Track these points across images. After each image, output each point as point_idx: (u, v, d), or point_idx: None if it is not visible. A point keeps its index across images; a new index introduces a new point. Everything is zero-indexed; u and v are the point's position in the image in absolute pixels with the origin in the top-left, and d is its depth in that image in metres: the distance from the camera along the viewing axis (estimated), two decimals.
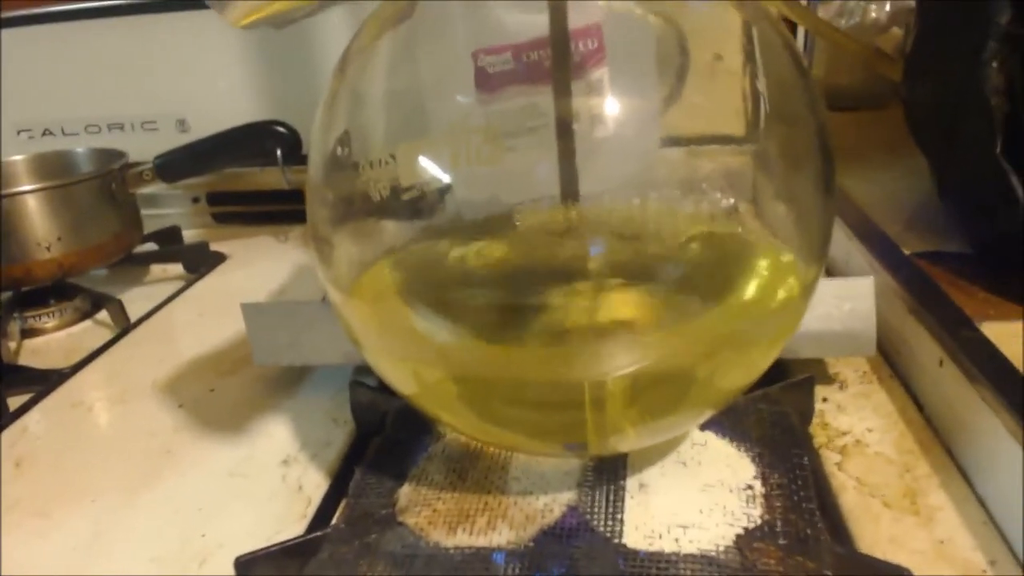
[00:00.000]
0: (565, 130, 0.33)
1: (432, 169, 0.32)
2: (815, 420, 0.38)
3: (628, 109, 0.33)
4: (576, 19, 0.32)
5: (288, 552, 0.29)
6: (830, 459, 0.35)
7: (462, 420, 0.31)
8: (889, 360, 0.42)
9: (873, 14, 0.76)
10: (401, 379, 0.31)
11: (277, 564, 0.29)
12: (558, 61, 0.32)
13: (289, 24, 0.26)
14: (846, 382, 0.41)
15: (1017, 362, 0.34)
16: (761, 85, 0.33)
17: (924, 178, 0.55)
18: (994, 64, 0.39)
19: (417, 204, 0.33)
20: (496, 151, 0.34)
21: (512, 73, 0.33)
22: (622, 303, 0.30)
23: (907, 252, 0.47)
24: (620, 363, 0.28)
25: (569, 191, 0.34)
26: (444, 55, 0.35)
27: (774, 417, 0.34)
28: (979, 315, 0.39)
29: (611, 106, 0.33)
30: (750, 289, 0.29)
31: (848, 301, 0.38)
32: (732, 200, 0.35)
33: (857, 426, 0.38)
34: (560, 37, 0.32)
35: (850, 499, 0.33)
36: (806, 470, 0.31)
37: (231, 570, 0.30)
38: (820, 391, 0.40)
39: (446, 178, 0.32)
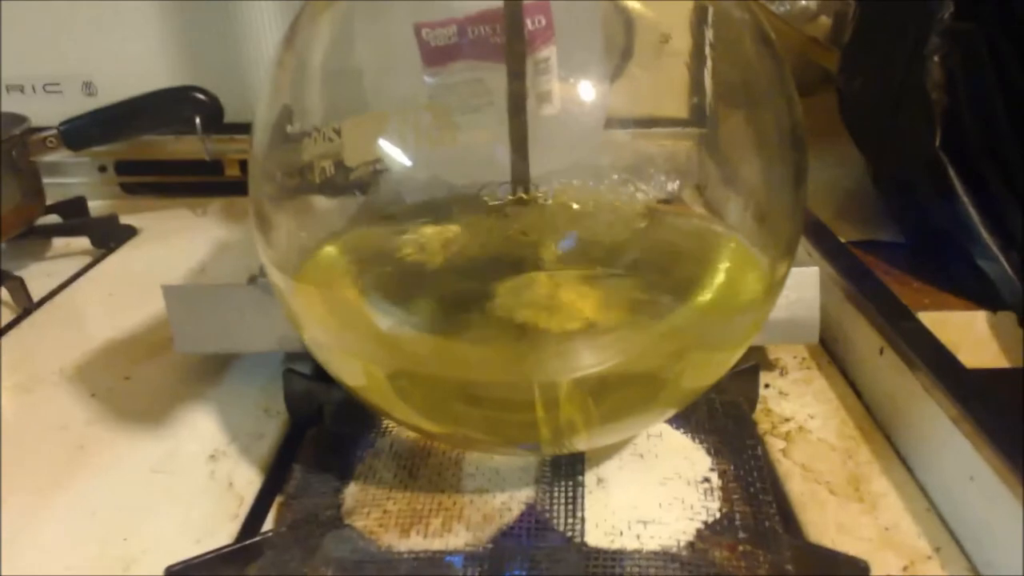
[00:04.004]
0: (518, 111, 0.31)
1: (379, 146, 0.30)
2: (759, 406, 0.38)
3: (578, 89, 0.32)
4: None
5: (225, 559, 0.27)
6: (775, 445, 0.36)
7: (413, 416, 0.29)
8: (827, 347, 0.43)
9: (803, 2, 0.77)
10: (348, 370, 0.29)
11: (213, 571, 0.27)
12: (512, 40, 0.30)
13: None
14: (786, 368, 0.42)
15: (954, 350, 0.35)
16: (710, 67, 0.32)
17: (854, 166, 0.56)
18: (935, 59, 0.40)
19: (363, 183, 0.31)
20: (446, 129, 0.32)
21: (457, 48, 0.32)
22: (579, 297, 0.29)
23: (843, 240, 0.47)
24: (577, 364, 0.27)
25: (520, 173, 0.33)
26: (389, 29, 0.33)
27: (725, 407, 0.34)
28: (915, 305, 0.40)
29: (561, 86, 0.32)
30: (715, 288, 0.29)
31: (793, 290, 0.38)
32: (676, 185, 0.35)
33: (799, 412, 0.38)
34: (514, 16, 0.30)
35: (797, 486, 0.33)
36: (760, 460, 0.31)
37: None
38: (762, 377, 0.40)
39: (394, 155, 0.31)
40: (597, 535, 0.27)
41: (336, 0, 0.32)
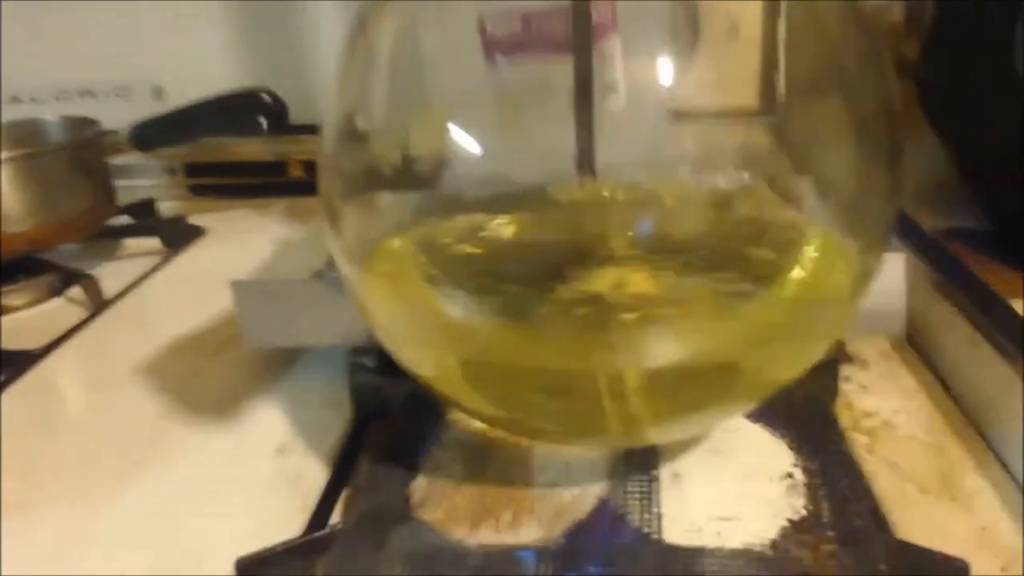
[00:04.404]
0: (584, 101, 0.30)
1: (446, 138, 0.30)
2: (839, 400, 0.36)
3: (645, 79, 0.31)
4: None
5: (295, 551, 0.27)
6: (859, 442, 0.34)
7: (483, 405, 0.29)
8: (910, 338, 0.41)
9: None
10: (418, 360, 0.28)
11: (284, 564, 0.27)
12: (579, 29, 0.30)
13: None
14: (867, 361, 0.40)
15: None
16: (785, 48, 0.31)
17: (931, 154, 0.53)
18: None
19: (430, 175, 0.31)
20: (512, 122, 0.32)
21: (520, 41, 0.31)
22: (656, 285, 0.28)
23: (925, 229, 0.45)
24: (654, 353, 0.26)
25: (586, 165, 0.32)
26: (455, 21, 0.33)
27: (804, 400, 0.33)
28: (1006, 293, 0.38)
29: (627, 76, 0.31)
30: (799, 277, 0.27)
31: (877, 278, 0.36)
32: (749, 175, 0.33)
33: (883, 407, 0.36)
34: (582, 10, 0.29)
35: (884, 484, 0.31)
36: (845, 456, 0.29)
37: (231, 570, 0.27)
38: (842, 370, 0.38)
39: (461, 147, 0.30)
40: (675, 532, 0.26)
41: None
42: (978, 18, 0.43)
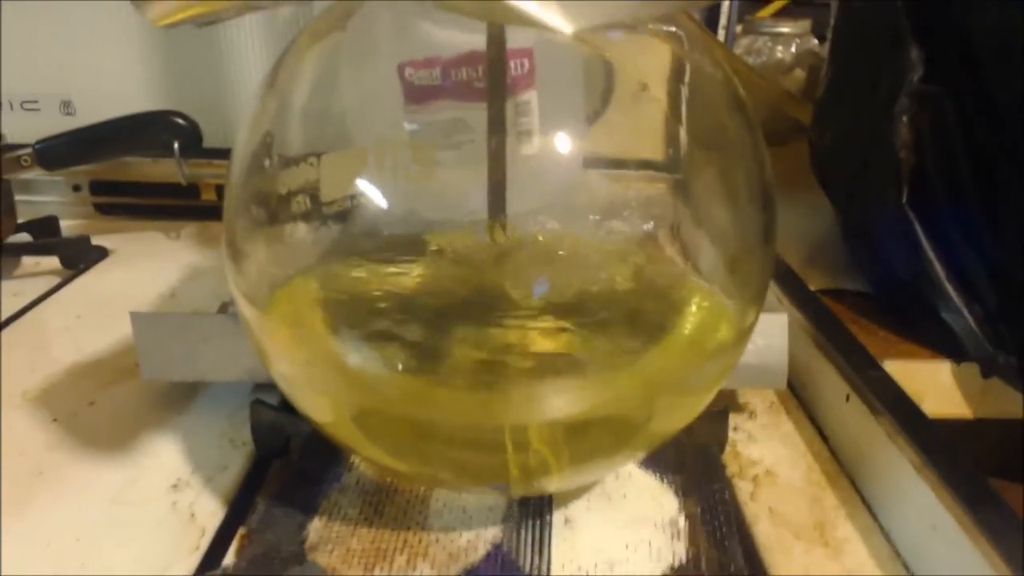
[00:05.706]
0: (497, 152, 0.32)
1: (357, 183, 0.31)
2: (728, 449, 0.38)
3: (557, 130, 0.33)
4: (509, 41, 0.31)
5: None
6: (743, 489, 0.36)
7: (379, 454, 0.29)
8: (795, 392, 0.43)
9: (779, 55, 0.79)
10: (316, 406, 0.29)
11: None
12: (494, 82, 0.31)
13: (211, 24, 0.24)
14: (755, 412, 0.42)
15: (918, 399, 0.36)
16: (684, 120, 0.33)
17: (824, 215, 0.57)
18: (904, 119, 0.41)
19: (340, 217, 0.31)
20: (425, 165, 0.33)
21: (440, 88, 0.32)
22: (551, 341, 0.29)
23: (812, 288, 0.48)
24: (546, 408, 0.27)
25: (497, 212, 0.33)
26: (373, 68, 0.33)
27: (694, 449, 0.34)
28: (881, 354, 0.41)
29: (541, 127, 0.33)
30: (684, 334, 0.29)
31: (763, 336, 0.38)
32: (651, 226, 0.35)
33: (767, 456, 0.38)
34: (497, 59, 0.31)
35: (763, 530, 0.33)
36: (728, 505, 0.31)
37: None
38: (731, 420, 0.40)
39: (371, 193, 0.31)
40: None
41: (322, 37, 0.32)
42: (865, 88, 0.46)
